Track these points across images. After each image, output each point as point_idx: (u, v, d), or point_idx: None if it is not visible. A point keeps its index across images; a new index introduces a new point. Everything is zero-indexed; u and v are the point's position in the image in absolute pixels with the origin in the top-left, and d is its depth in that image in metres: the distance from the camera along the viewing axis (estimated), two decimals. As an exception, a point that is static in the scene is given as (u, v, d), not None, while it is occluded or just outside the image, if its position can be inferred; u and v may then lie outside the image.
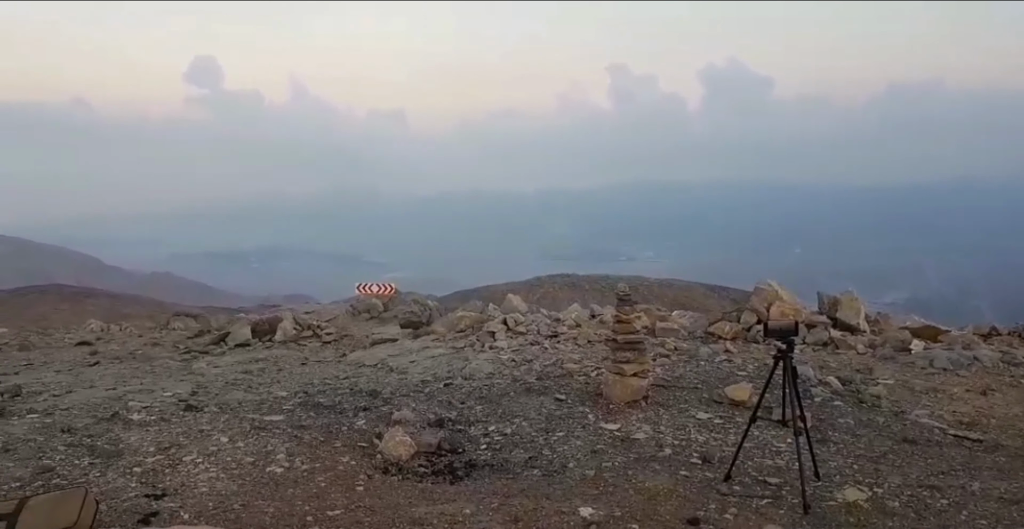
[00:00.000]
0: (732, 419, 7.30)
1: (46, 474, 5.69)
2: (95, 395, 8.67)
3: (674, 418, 7.35)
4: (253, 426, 7.16)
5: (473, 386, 8.88)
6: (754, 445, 6.46)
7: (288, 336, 13.46)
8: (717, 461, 6.11)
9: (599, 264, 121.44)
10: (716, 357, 9.93)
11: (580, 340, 11.24)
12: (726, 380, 8.65)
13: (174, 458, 6.15)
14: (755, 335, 10.99)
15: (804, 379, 8.32)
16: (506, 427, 7.22)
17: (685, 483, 5.66)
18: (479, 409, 7.87)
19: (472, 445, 6.76)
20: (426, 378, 9.48)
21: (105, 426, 7.10)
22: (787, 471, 5.88)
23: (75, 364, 11.52)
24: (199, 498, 5.27)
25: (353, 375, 9.99)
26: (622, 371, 7.81)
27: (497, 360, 10.22)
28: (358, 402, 8.24)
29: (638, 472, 5.90)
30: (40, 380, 9.87)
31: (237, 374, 10.16)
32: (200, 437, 6.76)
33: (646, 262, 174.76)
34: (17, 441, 6.51)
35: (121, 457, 6.15)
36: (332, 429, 7.13)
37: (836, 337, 10.86)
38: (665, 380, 8.70)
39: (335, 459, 6.24)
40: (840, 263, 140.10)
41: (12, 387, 8.91)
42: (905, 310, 46.48)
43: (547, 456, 6.38)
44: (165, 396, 8.57)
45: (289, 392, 8.81)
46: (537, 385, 8.76)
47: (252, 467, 6.00)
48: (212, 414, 7.66)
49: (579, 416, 7.48)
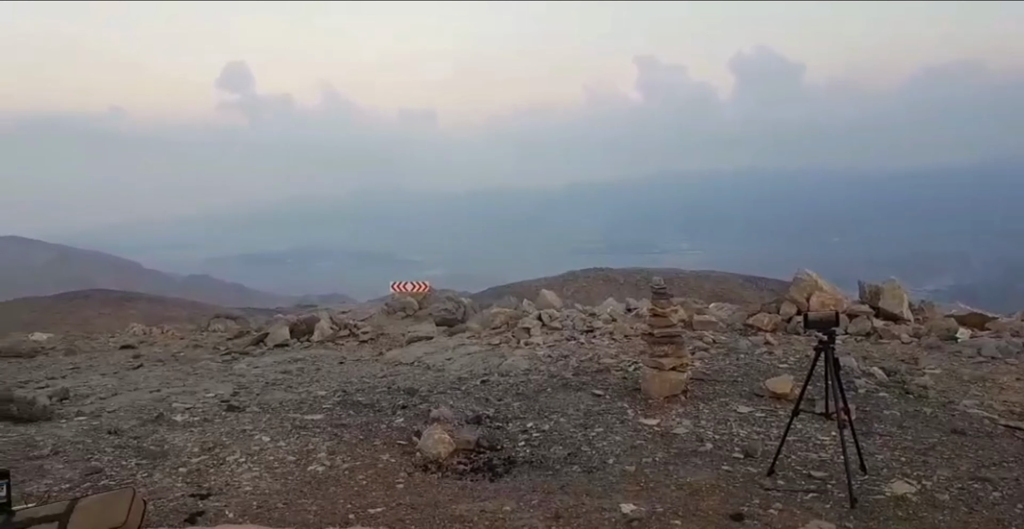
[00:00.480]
0: (774, 412, 7.20)
1: (95, 475, 5.79)
2: (140, 397, 8.81)
3: (714, 412, 7.27)
4: (294, 425, 7.23)
5: (510, 383, 8.87)
6: (797, 438, 6.36)
7: (325, 336, 13.56)
8: (760, 455, 6.03)
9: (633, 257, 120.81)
10: (756, 350, 9.80)
11: (616, 335, 11.18)
12: (767, 373, 8.54)
13: (218, 458, 6.23)
14: (795, 326, 10.83)
15: (847, 370, 8.18)
16: (544, 423, 7.19)
17: (727, 478, 5.59)
18: (517, 406, 7.86)
19: (511, 442, 6.75)
20: (463, 375, 9.49)
21: (150, 427, 7.22)
22: (832, 465, 5.78)
23: (119, 367, 11.73)
24: (243, 497, 5.32)
25: (390, 373, 10.04)
26: (660, 365, 7.74)
27: (533, 356, 10.20)
28: (396, 400, 8.28)
29: (679, 467, 5.84)
30: (87, 383, 10.07)
31: (277, 374, 10.26)
32: (242, 437, 6.84)
33: (680, 254, 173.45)
34: (66, 443, 6.64)
35: (166, 458, 6.25)
36: (371, 427, 7.17)
37: (879, 327, 10.66)
38: (704, 374, 8.61)
39: (375, 457, 6.27)
40: (880, 251, 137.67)
41: (60, 390, 9.10)
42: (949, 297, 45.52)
43: (586, 452, 6.35)
44: (207, 397, 8.69)
45: (328, 391, 8.87)
46: (574, 381, 8.73)
47: (294, 466, 6.05)
48: (254, 414, 7.75)
49: (618, 411, 7.43)
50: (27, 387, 9.86)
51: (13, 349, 13.66)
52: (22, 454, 6.31)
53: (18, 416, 7.49)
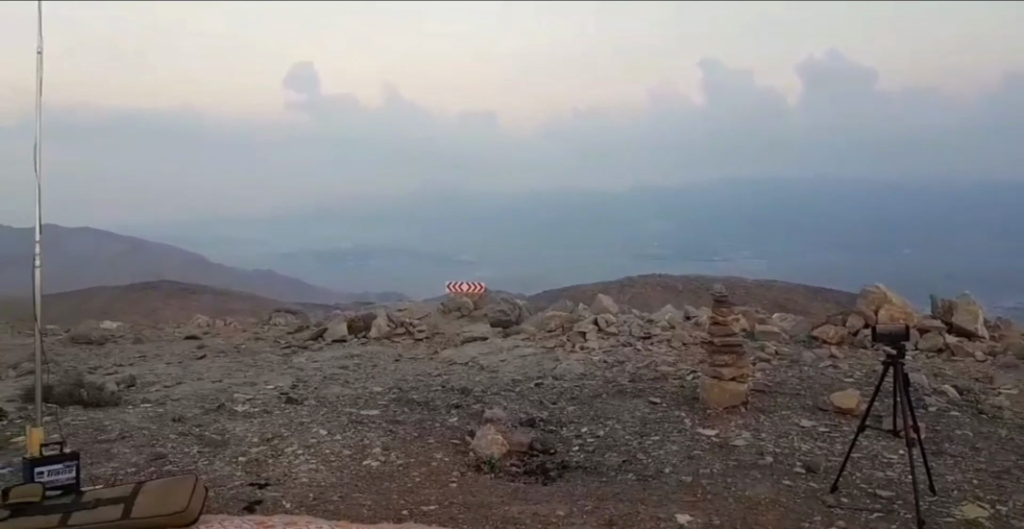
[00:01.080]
0: (838, 428, 6.98)
1: (159, 461, 5.93)
2: (203, 387, 9.02)
3: (776, 425, 7.09)
4: (350, 420, 7.30)
5: (564, 386, 8.81)
6: (862, 455, 6.15)
7: (382, 333, 13.70)
8: (823, 471, 5.84)
9: (693, 264, 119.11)
10: (820, 362, 9.54)
11: (674, 342, 11.02)
12: (831, 386, 8.29)
13: (276, 449, 6.32)
14: (863, 340, 10.51)
15: (917, 387, 7.88)
16: (599, 429, 7.11)
17: (788, 493, 5.43)
18: (571, 410, 7.80)
19: (564, 446, 6.69)
20: (517, 377, 9.47)
21: (212, 416, 7.38)
22: (899, 484, 5.56)
23: (184, 357, 12.05)
24: (300, 488, 5.39)
25: (445, 372, 10.08)
26: (720, 375, 7.58)
27: (588, 361, 10.12)
28: (450, 399, 8.29)
29: (737, 480, 5.70)
30: (152, 371, 10.36)
31: (334, 369, 10.40)
32: (300, 429, 6.93)
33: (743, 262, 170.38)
34: (133, 429, 6.83)
35: (227, 446, 6.37)
36: (425, 425, 7.20)
37: (952, 343, 10.27)
38: (766, 385, 8.41)
39: (429, 455, 6.28)
40: (954, 264, 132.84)
41: (127, 378, 9.39)
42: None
43: (642, 460, 6.25)
44: (267, 389, 8.85)
45: (384, 388, 8.95)
46: (630, 387, 8.62)
47: (349, 460, 6.10)
48: (311, 407, 7.85)
49: (675, 420, 7.30)
50: (97, 373, 10.20)
51: (85, 336, 14.18)
52: (91, 438, 6.51)
53: (88, 401, 7.74)
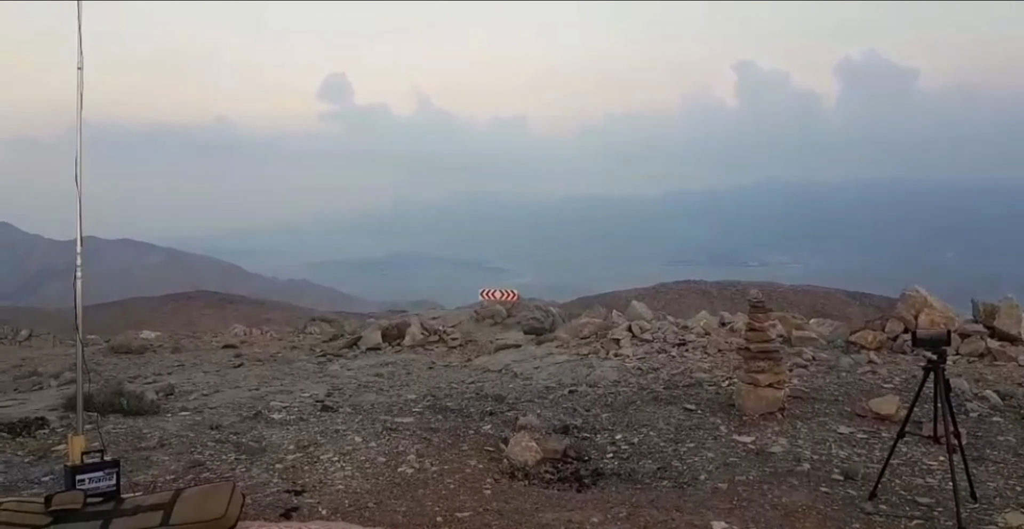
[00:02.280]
0: (877, 434, 6.87)
1: (197, 468, 6.02)
2: (240, 395, 9.15)
3: (813, 432, 7.00)
4: (385, 427, 7.35)
5: (598, 393, 8.78)
6: (902, 462, 6.05)
7: (416, 341, 13.78)
8: (861, 478, 5.75)
9: (728, 269, 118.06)
10: (859, 368, 9.40)
11: (709, 349, 10.93)
12: (870, 392, 8.16)
13: (312, 456, 6.38)
14: (902, 345, 10.32)
15: (958, 392, 7.72)
16: (633, 436, 7.08)
17: (825, 500, 5.36)
18: (605, 417, 7.77)
19: (598, 453, 6.67)
20: (550, 384, 9.46)
21: (249, 424, 7.48)
22: (939, 491, 5.46)
23: (221, 366, 12.24)
24: (336, 495, 5.43)
25: (478, 380, 10.11)
26: (756, 381, 7.51)
27: (622, 368, 10.08)
28: (484, 407, 8.31)
29: (774, 487, 5.64)
30: (190, 380, 10.54)
31: (369, 377, 10.48)
32: (336, 436, 7.00)
33: (779, 267, 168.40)
34: (171, 436, 6.94)
35: (264, 454, 6.45)
36: (459, 432, 7.22)
37: (994, 348, 10.05)
38: (803, 391, 8.31)
39: (463, 462, 6.30)
40: (997, 267, 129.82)
41: (166, 386, 9.56)
42: (1070, 319, 42.42)
43: (677, 467, 6.21)
44: (303, 397, 8.94)
45: (418, 395, 8.99)
46: (665, 394, 8.57)
47: (384, 467, 6.14)
48: (346, 415, 7.92)
49: (710, 427, 7.25)
50: (136, 382, 10.41)
51: (125, 346, 14.50)
52: (131, 445, 6.62)
53: (128, 409, 7.88)
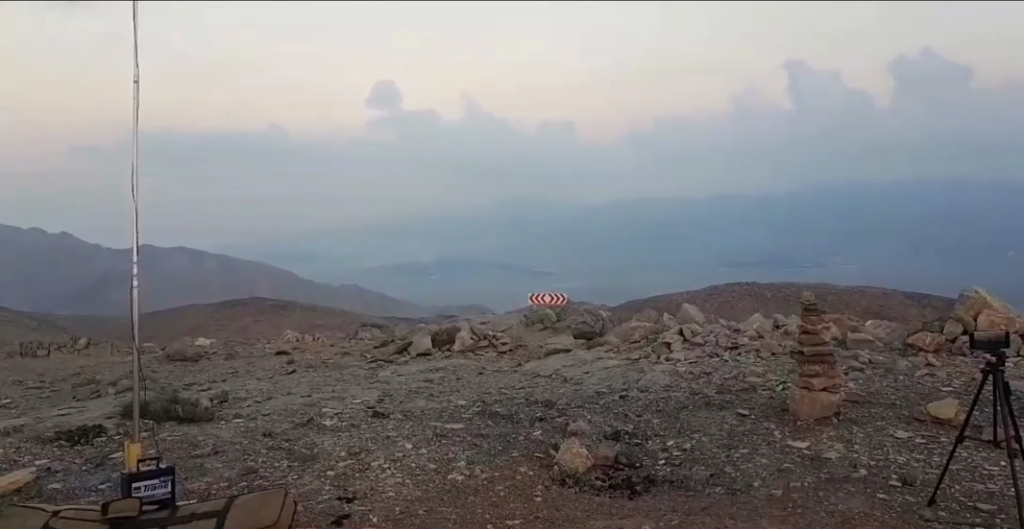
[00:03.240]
0: (936, 439, 6.67)
1: (250, 475, 6.12)
2: (292, 402, 9.28)
3: (869, 437, 6.82)
4: (435, 433, 7.38)
5: (649, 399, 8.69)
6: (961, 467, 5.86)
7: (465, 346, 13.82)
8: (919, 484, 5.59)
9: (782, 271, 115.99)
10: (916, 371, 9.14)
11: (763, 352, 10.73)
12: (928, 396, 7.93)
13: (363, 463, 6.43)
14: (961, 347, 10.01)
15: (1019, 395, 7.47)
16: (685, 442, 6.99)
17: (883, 507, 5.22)
18: (656, 423, 7.68)
19: (650, 459, 6.60)
20: (601, 389, 9.39)
21: (301, 431, 7.57)
22: (1001, 497, 5.28)
23: (274, 372, 12.43)
24: (386, 502, 5.47)
25: (528, 385, 10.08)
26: (810, 385, 7.35)
27: (674, 372, 9.96)
28: (534, 412, 8.28)
29: (830, 494, 5.51)
30: (244, 387, 10.72)
31: (419, 382, 10.54)
32: (386, 443, 7.05)
33: (835, 268, 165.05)
34: (225, 444, 7.06)
35: (316, 461, 6.52)
36: (509, 439, 7.21)
37: (1058, 350, 9.68)
38: (859, 395, 8.10)
39: (513, 469, 6.29)
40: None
41: (220, 393, 9.73)
42: None
43: (730, 474, 6.11)
44: (355, 403, 9.03)
45: (468, 401, 9.01)
46: (717, 399, 8.44)
47: (435, 473, 6.16)
48: (397, 421, 7.97)
49: (764, 432, 7.11)
50: (191, 389, 10.63)
51: (180, 353, 14.82)
52: (186, 453, 6.75)
53: (182, 417, 8.03)
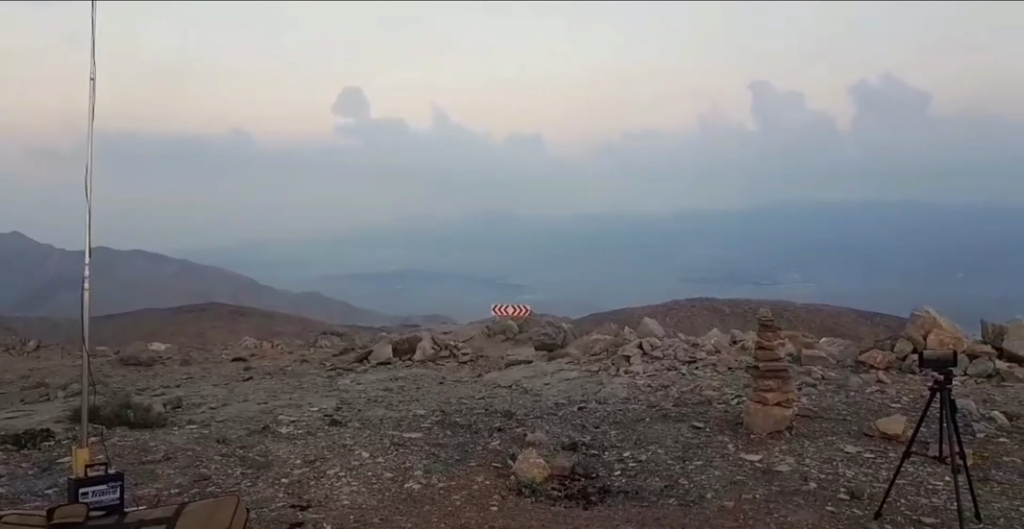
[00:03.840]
0: (884, 454, 6.83)
1: (202, 482, 6.05)
2: (248, 408, 9.19)
3: (820, 451, 6.97)
4: (393, 442, 7.37)
5: (607, 410, 8.77)
6: (908, 482, 6.02)
7: (427, 355, 13.80)
8: (867, 498, 5.72)
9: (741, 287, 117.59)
10: (867, 387, 9.36)
11: (720, 367, 10.90)
12: (878, 412, 8.13)
13: (319, 471, 6.41)
14: (910, 365, 10.28)
15: (965, 413, 7.69)
16: (641, 454, 7.07)
17: (831, 519, 5.34)
18: (613, 434, 7.76)
19: (606, 470, 6.65)
20: (560, 401, 9.45)
21: (256, 438, 7.51)
22: (944, 511, 5.43)
23: (230, 379, 12.29)
24: (341, 511, 5.45)
25: (488, 396, 10.11)
26: (764, 400, 7.48)
27: (632, 385, 10.06)
28: (493, 423, 8.31)
29: (780, 506, 5.62)
30: (199, 393, 10.59)
31: (379, 391, 10.50)
32: (343, 451, 7.02)
33: (791, 286, 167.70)
34: (177, 450, 6.97)
35: (270, 468, 6.47)
36: (467, 448, 7.22)
37: (1002, 369, 9.99)
38: (811, 410, 8.27)
39: (470, 478, 6.31)
40: (1007, 289, 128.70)
41: (174, 399, 9.61)
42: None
43: (684, 485, 6.19)
44: (312, 411, 8.97)
45: (427, 410, 9.01)
46: (674, 412, 8.55)
47: (391, 482, 6.15)
48: (355, 429, 7.94)
49: (718, 445, 7.22)
50: (144, 394, 10.47)
51: (133, 357, 14.60)
52: (136, 458, 6.66)
53: (134, 422, 7.91)
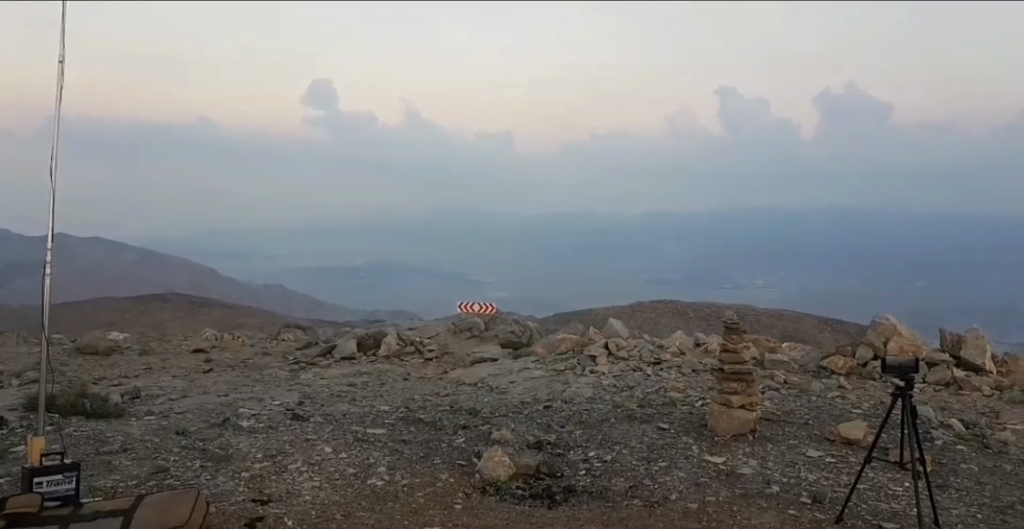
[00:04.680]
0: (845, 458, 6.92)
1: (160, 474, 5.94)
2: (208, 401, 9.05)
3: (783, 454, 7.04)
4: (356, 438, 7.30)
5: (573, 410, 8.78)
6: (868, 487, 6.10)
7: (392, 351, 13.72)
8: (828, 502, 5.79)
9: (704, 290, 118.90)
10: (829, 393, 9.49)
11: (684, 368, 10.98)
12: (839, 417, 8.24)
13: (280, 465, 6.32)
14: (871, 371, 10.45)
15: (924, 420, 7.83)
16: (606, 454, 7.08)
17: (793, 523, 5.38)
18: (579, 434, 7.76)
19: (571, 470, 6.65)
20: (525, 399, 9.44)
21: (217, 431, 7.39)
22: (904, 516, 5.51)
23: (191, 370, 12.09)
24: (303, 506, 5.38)
25: (453, 393, 10.07)
26: (729, 402, 7.54)
27: (598, 385, 10.09)
28: (458, 420, 8.27)
29: (743, 508, 5.66)
30: (158, 384, 10.40)
31: (342, 386, 10.40)
32: (305, 446, 6.93)
33: (754, 290, 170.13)
34: (135, 441, 6.84)
35: (231, 462, 6.37)
36: (432, 445, 7.18)
37: (959, 377, 10.19)
38: (774, 414, 8.36)
39: (434, 475, 6.26)
40: (965, 298, 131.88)
41: (132, 389, 9.43)
42: (1037, 351, 43.13)
43: (648, 486, 6.21)
44: (274, 404, 8.86)
45: (391, 406, 8.94)
46: (639, 412, 8.59)
47: (354, 478, 6.09)
48: (317, 424, 7.85)
49: (682, 447, 7.26)
50: (101, 384, 10.26)
51: (91, 346, 14.27)
52: (93, 449, 6.51)
53: (91, 412, 7.74)
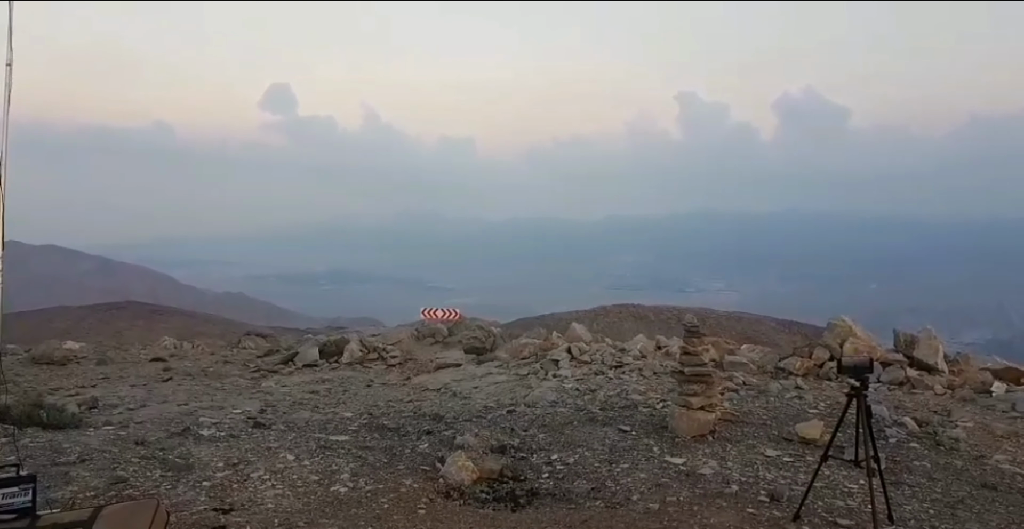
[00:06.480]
0: (802, 457, 7.08)
1: (119, 485, 5.86)
2: (168, 410, 8.93)
3: (742, 454, 7.17)
4: (319, 445, 7.27)
5: (536, 414, 8.83)
6: (825, 485, 6.25)
7: (354, 358, 13.65)
8: (786, 500, 5.92)
9: (665, 294, 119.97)
10: (786, 393, 9.66)
11: (645, 371, 11.10)
12: (796, 417, 8.41)
13: (242, 474, 6.27)
14: (828, 372, 10.66)
15: (878, 419, 8.01)
16: (569, 456, 7.14)
17: (752, 521, 5.50)
18: (542, 437, 7.82)
19: (534, 473, 6.70)
20: (489, 404, 9.48)
21: (177, 440, 7.30)
22: (859, 513, 5.66)
23: (149, 379, 11.91)
24: (265, 514, 5.35)
25: (417, 398, 10.06)
26: (689, 404, 7.66)
27: (560, 389, 10.16)
28: (421, 425, 8.28)
29: (703, 508, 5.76)
30: (116, 394, 10.23)
31: (304, 394, 10.34)
32: (267, 454, 6.89)
33: (714, 293, 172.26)
34: (93, 452, 6.73)
35: (191, 471, 6.31)
36: (395, 451, 7.18)
37: (913, 377, 10.45)
38: (733, 415, 8.50)
39: (398, 481, 6.27)
40: (918, 299, 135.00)
41: (89, 399, 9.26)
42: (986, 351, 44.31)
43: (610, 488, 6.29)
44: (234, 413, 8.78)
45: (354, 413, 8.91)
46: (601, 415, 8.67)
47: (317, 486, 6.07)
48: (279, 432, 7.80)
49: (644, 448, 7.36)
50: (57, 394, 10.06)
51: (46, 356, 13.95)
52: (49, 460, 6.41)
53: (47, 422, 7.60)
